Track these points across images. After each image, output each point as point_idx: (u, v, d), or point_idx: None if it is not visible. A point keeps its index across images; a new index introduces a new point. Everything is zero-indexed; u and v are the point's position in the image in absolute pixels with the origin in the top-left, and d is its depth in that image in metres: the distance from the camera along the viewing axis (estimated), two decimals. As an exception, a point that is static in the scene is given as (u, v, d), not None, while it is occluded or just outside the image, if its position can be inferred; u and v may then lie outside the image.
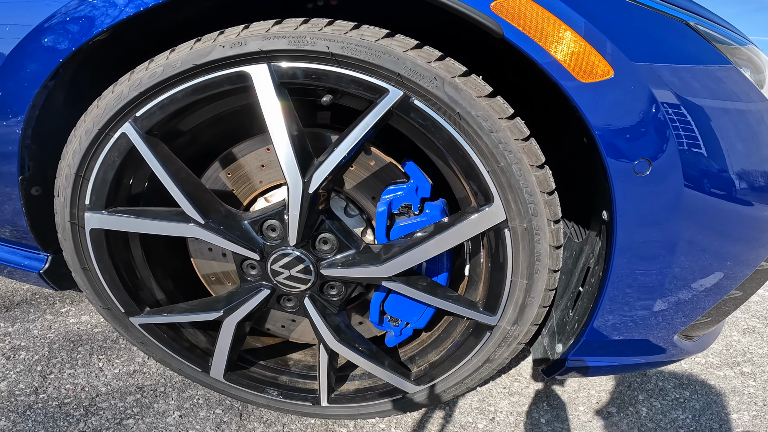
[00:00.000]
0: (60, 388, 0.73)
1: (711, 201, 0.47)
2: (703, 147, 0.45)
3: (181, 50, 0.49)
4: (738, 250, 0.52)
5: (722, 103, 0.46)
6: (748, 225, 0.51)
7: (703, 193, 0.46)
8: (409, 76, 0.44)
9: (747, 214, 0.50)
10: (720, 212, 0.48)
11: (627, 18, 0.45)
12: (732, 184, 0.47)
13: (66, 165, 0.54)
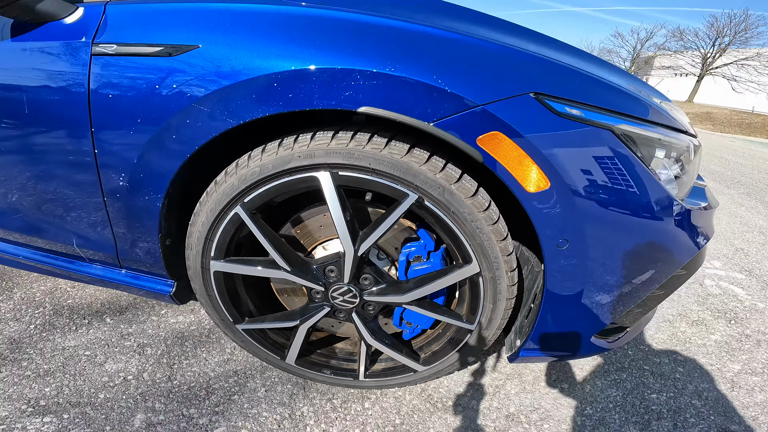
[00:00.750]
0: (184, 375, 1.06)
1: (608, 261, 0.75)
2: (606, 225, 0.72)
3: (270, 153, 0.76)
4: (629, 278, 0.80)
5: (624, 196, 0.70)
6: (640, 263, 0.78)
7: (598, 259, 0.73)
8: (422, 185, 0.72)
9: (639, 255, 0.77)
10: (612, 269, 0.76)
11: (564, 140, 0.66)
12: (620, 258, 0.74)
13: (197, 230, 0.84)
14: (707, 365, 1.34)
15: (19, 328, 1.17)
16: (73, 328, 1.18)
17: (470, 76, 0.65)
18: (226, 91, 0.70)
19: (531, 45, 0.78)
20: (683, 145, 0.78)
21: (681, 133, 0.79)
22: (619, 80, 0.81)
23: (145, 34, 0.74)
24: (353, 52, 0.66)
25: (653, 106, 0.76)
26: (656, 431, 1.05)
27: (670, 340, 1.46)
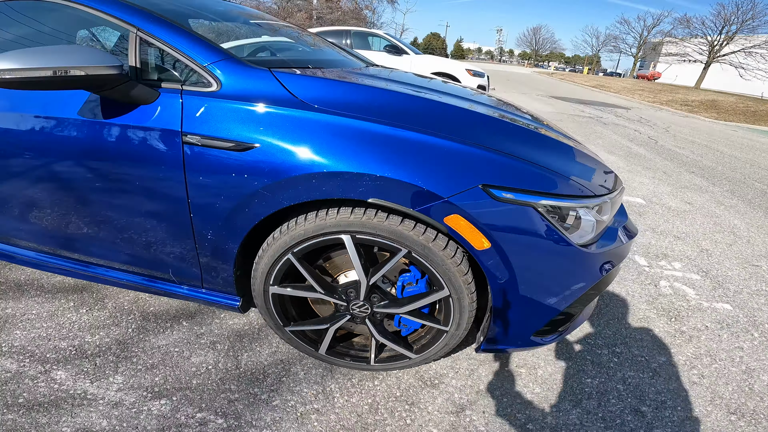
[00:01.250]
0: (246, 364, 1.47)
1: (531, 289, 1.13)
2: (528, 268, 1.10)
3: (309, 222, 1.14)
4: (547, 299, 1.18)
5: (540, 249, 1.08)
6: (554, 289, 1.17)
7: (524, 288, 1.12)
8: (410, 244, 1.10)
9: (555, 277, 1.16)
10: (534, 293, 1.14)
11: (501, 215, 1.04)
12: (539, 287, 1.12)
13: (261, 267, 1.23)
14: (638, 356, 1.71)
15: (121, 331, 1.59)
16: (161, 330, 1.61)
17: (440, 178, 1.03)
18: (284, 181, 1.08)
19: (503, 140, 1.15)
20: (594, 204, 1.16)
21: (592, 198, 1.16)
22: (557, 159, 1.18)
23: (212, 127, 1.10)
24: (361, 160, 1.04)
25: (571, 182, 1.13)
26: (585, 407, 1.44)
27: (614, 336, 1.84)
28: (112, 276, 1.47)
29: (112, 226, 1.30)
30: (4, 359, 1.42)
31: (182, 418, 1.26)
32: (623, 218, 1.40)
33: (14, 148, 1.25)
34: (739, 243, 3.10)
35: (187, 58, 1.15)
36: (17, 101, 1.22)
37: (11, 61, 0.96)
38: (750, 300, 2.27)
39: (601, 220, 1.20)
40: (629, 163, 5.34)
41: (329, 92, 1.17)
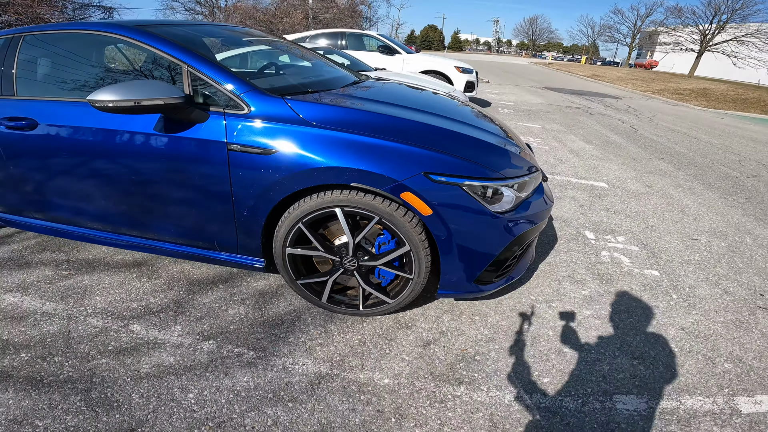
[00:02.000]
0: (269, 314, 1.99)
1: (463, 245, 1.64)
2: (459, 231, 1.61)
3: (312, 200, 1.66)
4: (480, 245, 1.69)
5: (466, 214, 1.61)
6: (480, 243, 1.67)
7: (457, 244, 1.63)
8: (380, 213, 1.60)
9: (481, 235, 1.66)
10: (467, 249, 1.65)
11: (437, 193, 1.56)
12: (469, 242, 1.63)
13: (280, 235, 1.74)
14: (569, 310, 2.19)
15: (175, 294, 2.11)
16: (204, 292, 2.13)
17: (397, 169, 1.54)
18: (294, 174, 1.59)
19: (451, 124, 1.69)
20: (516, 182, 1.67)
21: (517, 177, 1.67)
22: (484, 155, 1.69)
23: (247, 139, 1.62)
24: (346, 158, 1.55)
25: (493, 161, 1.65)
26: (520, 345, 1.94)
27: (554, 293, 2.33)
28: (173, 248, 1.99)
29: (175, 210, 1.82)
30: (91, 318, 1.94)
31: (225, 352, 1.77)
32: (540, 194, 1.89)
33: (105, 153, 1.77)
34: (686, 220, 3.57)
35: (226, 90, 1.66)
36: (108, 119, 1.74)
37: (112, 94, 1.47)
38: (678, 268, 2.74)
39: (519, 195, 1.71)
40: (603, 151, 5.81)
41: (323, 113, 1.69)
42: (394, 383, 1.65)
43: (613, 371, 1.79)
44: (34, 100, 1.90)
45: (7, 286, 2.14)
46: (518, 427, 1.49)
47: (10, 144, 1.92)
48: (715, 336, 2.07)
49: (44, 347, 1.74)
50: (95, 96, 1.48)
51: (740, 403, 1.66)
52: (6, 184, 2.06)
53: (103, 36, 1.90)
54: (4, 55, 1.99)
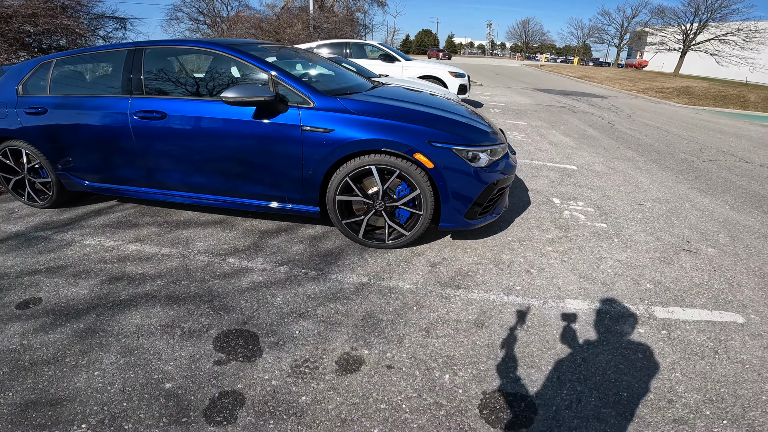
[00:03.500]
0: (321, 248, 2.85)
1: (456, 188, 2.51)
2: (454, 178, 2.48)
3: (357, 161, 2.51)
4: (466, 189, 2.55)
5: (457, 167, 2.47)
6: (465, 187, 2.54)
7: (453, 188, 2.49)
8: (400, 168, 2.46)
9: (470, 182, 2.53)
10: (460, 190, 2.52)
11: (436, 153, 2.44)
12: (458, 185, 2.50)
13: (332, 186, 2.60)
14: (535, 249, 3.05)
15: (251, 239, 2.96)
16: (271, 237, 2.98)
17: (411, 139, 2.42)
18: (345, 144, 2.46)
19: (444, 112, 2.57)
20: (489, 149, 2.55)
21: (489, 146, 2.56)
22: (468, 132, 2.58)
23: (316, 124, 2.50)
24: (378, 133, 2.43)
25: (474, 136, 2.54)
26: (500, 268, 2.80)
27: (525, 237, 3.19)
28: (256, 203, 2.83)
29: (263, 174, 2.68)
30: (199, 256, 2.77)
31: (295, 273, 2.61)
32: (506, 159, 2.77)
33: (216, 135, 2.65)
34: (637, 192, 4.44)
35: (298, 93, 2.55)
36: (219, 111, 2.62)
37: (233, 93, 2.36)
38: (623, 223, 3.60)
39: (491, 158, 2.58)
40: (579, 142, 6.69)
41: (361, 106, 2.56)
42: (413, 287, 2.49)
43: (566, 285, 2.59)
44: (161, 98, 2.77)
45: (127, 239, 2.99)
46: (499, 314, 2.29)
47: (141, 130, 2.78)
48: (642, 266, 2.89)
49: (172, 276, 2.55)
50: (224, 94, 2.38)
51: (656, 310, 2.42)
52: (132, 161, 2.91)
53: (208, 51, 2.82)
54: (131, 63, 2.85)
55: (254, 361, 1.88)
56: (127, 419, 1.57)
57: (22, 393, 1.67)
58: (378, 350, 1.96)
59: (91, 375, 1.77)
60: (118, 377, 1.76)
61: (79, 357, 1.87)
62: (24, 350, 1.90)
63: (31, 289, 2.37)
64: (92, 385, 1.72)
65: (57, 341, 1.96)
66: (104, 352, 1.90)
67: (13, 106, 3.16)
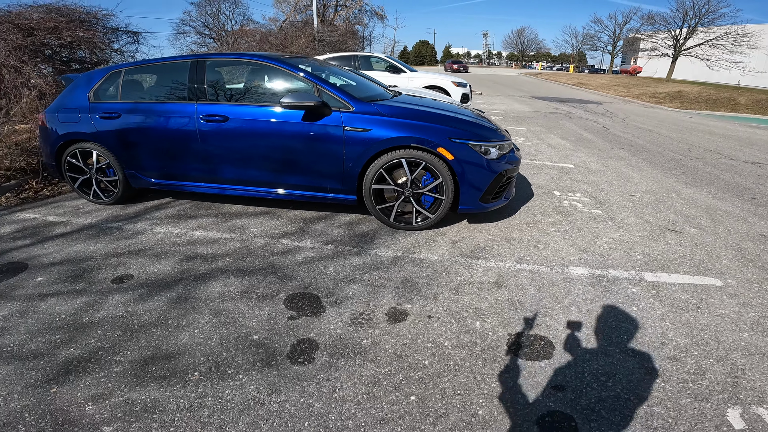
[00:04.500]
0: (358, 231, 3.34)
1: (475, 177, 3.02)
2: (470, 169, 2.99)
3: (389, 155, 3.02)
4: (480, 178, 3.06)
5: (473, 159, 2.98)
6: (476, 176, 3.05)
7: (470, 177, 3.00)
8: (425, 160, 2.97)
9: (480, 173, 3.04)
10: (476, 180, 3.02)
11: (456, 147, 2.96)
12: (473, 175, 3.01)
13: (368, 177, 3.10)
14: (540, 229, 3.56)
15: (297, 226, 3.46)
16: (314, 223, 3.48)
17: (435, 136, 2.94)
18: (380, 141, 2.98)
19: (459, 115, 3.09)
20: (498, 144, 3.07)
21: (498, 141, 3.08)
22: (480, 130, 3.10)
23: (356, 125, 3.01)
24: (408, 132, 2.95)
25: (485, 133, 3.06)
26: (511, 244, 3.30)
27: (531, 221, 3.69)
28: (302, 193, 3.33)
29: (309, 168, 3.18)
30: (256, 239, 3.26)
31: (340, 249, 3.08)
32: (513, 153, 3.28)
33: (272, 135, 3.16)
34: (628, 185, 4.94)
35: (339, 99, 3.07)
36: (275, 115, 3.13)
37: (289, 99, 2.89)
38: (616, 210, 4.10)
39: (500, 152, 3.09)
40: (575, 145, 7.22)
41: (393, 110, 3.08)
42: (440, 258, 2.97)
43: (568, 255, 3.09)
44: (222, 104, 3.29)
45: (190, 227, 3.48)
46: (514, 278, 2.75)
47: (206, 132, 3.29)
48: (633, 242, 3.38)
49: (237, 254, 3.02)
50: (283, 99, 2.93)
51: (646, 275, 2.91)
52: (196, 160, 3.42)
53: (260, 63, 3.36)
54: (195, 73, 3.37)
55: (320, 315, 2.33)
56: (229, 365, 1.90)
57: (138, 351, 1.99)
58: (418, 305, 2.44)
59: (192, 333, 2.12)
60: (214, 333, 2.12)
61: (179, 319, 2.23)
62: (130, 316, 2.25)
63: (121, 267, 2.83)
64: (195, 341, 2.06)
65: (156, 308, 2.33)
66: (198, 314, 2.27)
67: (86, 111, 3.65)
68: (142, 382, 1.82)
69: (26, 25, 6.93)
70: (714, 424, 1.68)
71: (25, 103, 6.33)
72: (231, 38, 22.71)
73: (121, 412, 1.66)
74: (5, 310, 2.33)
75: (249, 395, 1.75)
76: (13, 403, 1.71)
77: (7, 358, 1.97)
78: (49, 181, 4.63)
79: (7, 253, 3.01)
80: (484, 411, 1.71)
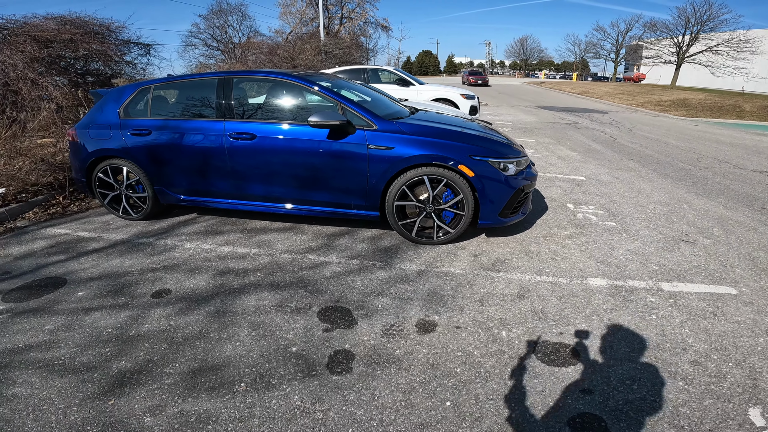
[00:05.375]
0: (381, 245, 3.46)
1: (490, 195, 3.14)
2: (490, 185, 3.11)
3: (412, 172, 3.15)
4: (499, 193, 3.18)
5: (491, 175, 3.11)
6: (496, 192, 3.17)
7: (488, 194, 3.13)
8: (447, 177, 3.10)
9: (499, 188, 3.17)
10: (493, 196, 3.14)
11: (477, 164, 3.09)
12: (494, 192, 3.14)
13: (392, 193, 3.23)
14: (557, 242, 3.66)
15: (321, 241, 3.58)
16: (338, 238, 3.60)
17: (456, 154, 3.07)
18: (403, 159, 3.11)
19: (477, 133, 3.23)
20: (516, 160, 3.19)
21: (516, 158, 3.20)
22: (498, 147, 3.24)
23: (380, 143, 3.15)
24: (430, 150, 3.08)
25: (504, 150, 3.19)
26: (530, 257, 3.41)
27: (547, 233, 3.80)
28: (326, 210, 3.46)
29: (334, 185, 3.32)
30: (283, 255, 3.38)
31: (365, 264, 3.19)
32: (530, 168, 3.41)
33: (298, 152, 3.30)
34: (640, 197, 5.04)
35: (363, 117, 3.22)
36: (300, 132, 3.28)
37: (315, 117, 3.04)
38: (629, 221, 4.19)
39: (518, 168, 3.22)
40: (584, 156, 7.33)
41: (414, 128, 3.22)
42: (462, 272, 3.08)
43: (586, 267, 3.18)
44: (250, 122, 3.43)
45: (219, 243, 3.61)
46: (535, 289, 2.85)
47: (234, 149, 3.44)
48: (648, 253, 3.47)
49: (267, 269, 3.14)
50: (310, 118, 3.07)
51: (663, 285, 3.00)
52: (225, 177, 3.57)
53: (285, 82, 3.52)
54: (222, 90, 3.52)
55: (353, 327, 2.43)
56: (272, 376, 1.99)
57: (185, 363, 2.07)
58: (446, 316, 2.54)
59: (234, 345, 2.21)
60: (255, 345, 2.20)
61: (220, 332, 2.31)
62: (174, 329, 2.35)
63: (158, 282, 2.95)
64: (237, 353, 2.15)
65: (197, 321, 2.42)
66: (237, 327, 2.36)
67: (117, 128, 3.79)
68: (193, 393, 1.93)
69: (42, 37, 6.98)
70: (737, 422, 1.78)
71: (43, 116, 6.44)
72: (239, 50, 23.16)
73: (177, 423, 1.77)
74: (51, 324, 2.46)
75: (294, 405, 1.86)
76: (73, 416, 1.81)
77: (60, 370, 2.09)
78: (75, 196, 4.79)
79: (44, 268, 3.15)
80: (516, 414, 1.81)
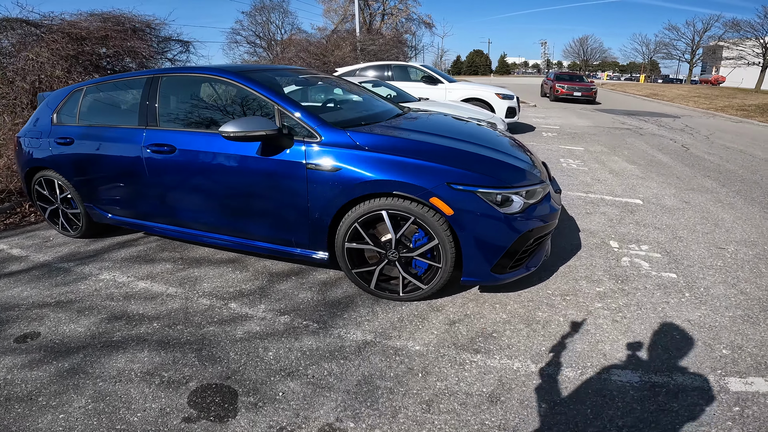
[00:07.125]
0: (329, 297, 2.56)
1: (481, 239, 2.12)
2: (477, 226, 2.10)
3: (366, 204, 2.22)
4: (488, 246, 2.15)
5: (480, 214, 2.09)
6: (494, 238, 2.14)
7: (476, 238, 2.11)
8: (415, 214, 2.13)
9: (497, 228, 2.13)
10: (484, 242, 2.12)
11: (457, 197, 2.07)
12: (481, 237, 2.11)
13: (341, 232, 2.32)
14: (580, 306, 2.52)
15: (259, 282, 2.74)
16: (281, 281, 2.75)
17: (426, 180, 2.08)
18: (355, 185, 2.18)
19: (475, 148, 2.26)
20: (524, 190, 2.14)
21: (525, 186, 2.16)
22: (496, 170, 2.21)
23: (320, 161, 2.24)
24: (389, 173, 2.12)
25: (505, 175, 2.15)
26: (532, 329, 2.34)
27: (570, 289, 2.66)
28: (263, 245, 2.63)
29: (267, 213, 2.48)
30: (202, 299, 2.59)
31: (296, 324, 2.34)
32: (548, 201, 2.34)
33: (223, 171, 2.49)
34: (717, 232, 3.72)
35: (305, 124, 2.32)
36: (226, 145, 2.44)
37: (232, 127, 2.17)
38: (698, 272, 2.96)
39: (527, 201, 2.17)
40: (645, 171, 5.92)
41: (373, 140, 2.28)
42: (423, 349, 2.11)
43: (613, 351, 2.10)
44: (171, 131, 2.67)
45: (139, 275, 2.89)
46: (521, 387, 1.86)
47: (153, 164, 2.70)
48: (719, 327, 2.29)
49: (169, 319, 2.39)
50: (223, 128, 2.20)
51: (730, 382, 1.87)
52: (146, 196, 2.84)
53: (216, 79, 2.71)
54: (148, 91, 2.79)
55: (225, 422, 1.68)
56: None
57: None
58: (365, 424, 1.64)
59: (55, 417, 1.74)
60: (80, 423, 1.71)
61: (52, 397, 1.84)
62: (5, 385, 1.92)
63: (35, 323, 2.37)
64: (53, 428, 1.68)
65: (37, 379, 1.96)
66: (77, 394, 1.86)
67: (47, 136, 3.23)
68: None
69: (77, 34, 6.80)
70: None
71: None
72: (279, 47, 23.12)
73: None
74: None
75: None
76: None
77: None
78: (38, 205, 4.35)
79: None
80: None
